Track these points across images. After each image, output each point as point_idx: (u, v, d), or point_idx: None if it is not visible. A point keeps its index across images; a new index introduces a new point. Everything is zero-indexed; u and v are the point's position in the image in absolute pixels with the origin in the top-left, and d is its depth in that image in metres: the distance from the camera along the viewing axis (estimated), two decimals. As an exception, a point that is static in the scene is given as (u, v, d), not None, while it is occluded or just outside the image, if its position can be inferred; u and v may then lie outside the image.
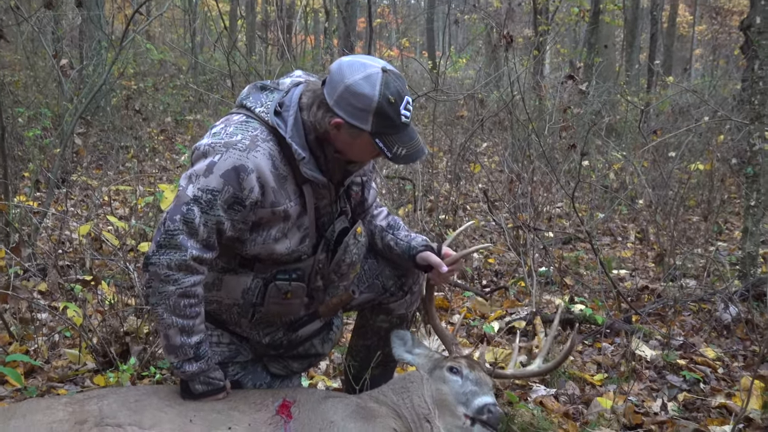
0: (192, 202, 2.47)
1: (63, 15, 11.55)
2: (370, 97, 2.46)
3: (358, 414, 2.59)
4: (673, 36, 22.69)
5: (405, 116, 2.53)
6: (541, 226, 6.64)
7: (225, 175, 2.47)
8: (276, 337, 2.91)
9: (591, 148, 9.52)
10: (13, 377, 3.28)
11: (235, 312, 2.83)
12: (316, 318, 2.91)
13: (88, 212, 6.29)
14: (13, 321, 4.10)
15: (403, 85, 2.52)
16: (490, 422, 2.59)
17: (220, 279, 2.78)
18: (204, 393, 2.63)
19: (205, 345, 2.63)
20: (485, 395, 2.66)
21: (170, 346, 2.58)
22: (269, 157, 2.55)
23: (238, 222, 2.55)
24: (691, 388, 3.97)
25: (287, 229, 2.67)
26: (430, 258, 2.99)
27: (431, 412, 2.70)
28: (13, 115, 8.31)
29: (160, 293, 2.51)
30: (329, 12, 14.84)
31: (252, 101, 2.67)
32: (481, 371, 2.75)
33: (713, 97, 11.77)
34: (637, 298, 5.38)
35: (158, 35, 20.35)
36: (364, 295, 3.17)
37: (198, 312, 2.58)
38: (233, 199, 2.49)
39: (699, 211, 8.29)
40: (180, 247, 2.47)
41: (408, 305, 3.24)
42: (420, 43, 32.47)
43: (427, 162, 7.95)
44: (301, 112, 2.62)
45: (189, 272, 2.51)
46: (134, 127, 11.00)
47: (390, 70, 2.51)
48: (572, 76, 8.99)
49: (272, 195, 2.57)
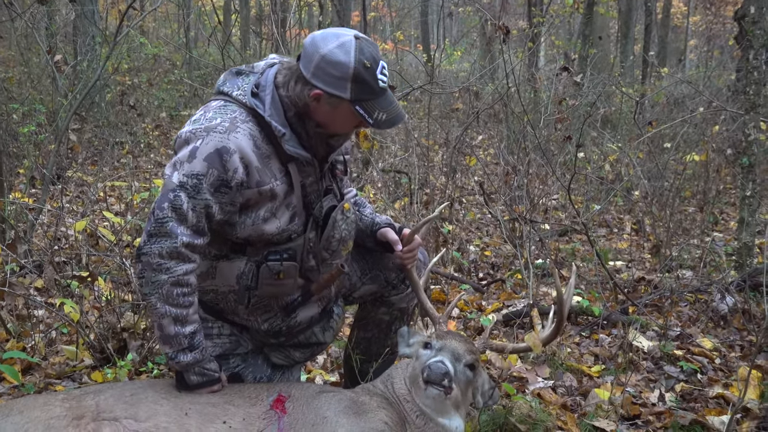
0: (178, 189, 2.48)
1: (56, 11, 11.52)
2: (346, 64, 2.48)
3: (350, 409, 2.59)
4: (667, 27, 22.66)
5: (382, 81, 2.55)
6: (537, 219, 6.64)
7: (208, 158, 2.48)
8: (275, 324, 2.90)
9: (586, 140, 9.53)
10: (11, 374, 3.28)
11: (232, 299, 2.83)
12: (309, 297, 2.89)
13: (83, 208, 6.27)
14: (10, 318, 4.10)
15: (376, 51, 2.55)
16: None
17: (214, 267, 2.78)
18: (199, 384, 2.63)
19: (199, 335, 2.63)
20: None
21: (164, 336, 2.58)
22: (250, 137, 2.56)
23: (226, 204, 2.56)
24: (688, 378, 3.99)
25: (275, 209, 2.67)
26: (387, 234, 3.06)
27: (409, 391, 2.70)
28: (8, 112, 8.29)
29: (153, 282, 2.51)
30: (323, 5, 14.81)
31: (229, 86, 2.69)
32: (452, 339, 2.72)
33: (708, 88, 11.79)
34: (634, 290, 5.39)
35: (152, 30, 20.30)
36: (367, 286, 3.18)
37: (191, 301, 2.58)
38: (219, 181, 2.50)
39: (695, 202, 8.30)
40: (170, 234, 2.48)
41: (409, 299, 3.25)
42: (414, 36, 32.40)
43: (422, 155, 7.95)
44: (277, 90, 2.64)
45: (181, 260, 2.52)
46: (129, 122, 10.98)
47: (362, 37, 2.53)
48: (567, 67, 8.96)
49: (257, 174, 2.58)
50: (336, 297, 3.10)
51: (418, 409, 2.66)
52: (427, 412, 2.65)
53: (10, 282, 4.23)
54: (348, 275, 3.15)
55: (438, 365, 2.56)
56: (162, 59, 15.77)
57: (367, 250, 3.20)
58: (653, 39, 19.59)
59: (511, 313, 4.73)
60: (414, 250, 3.05)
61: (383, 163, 8.35)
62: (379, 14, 28.63)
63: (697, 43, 32.99)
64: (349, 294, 3.21)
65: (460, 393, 2.65)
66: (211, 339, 2.92)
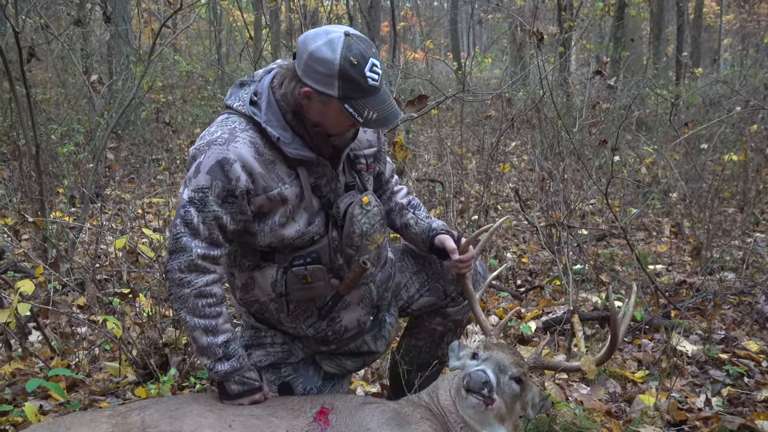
0: (188, 204, 2.56)
1: (91, 31, 11.69)
2: (332, 61, 2.46)
3: (393, 420, 2.58)
4: (700, 27, 22.40)
5: (372, 78, 2.50)
6: (575, 224, 6.59)
7: (210, 171, 2.54)
8: (320, 329, 2.91)
9: (622, 143, 9.43)
10: (56, 391, 3.32)
11: (273, 308, 2.86)
12: (339, 298, 2.87)
13: (122, 225, 6.35)
14: (54, 336, 4.16)
15: (367, 48, 2.50)
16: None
17: (252, 277, 2.83)
18: (240, 393, 2.66)
19: (234, 344, 2.67)
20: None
21: (200, 347, 2.64)
22: (251, 145, 2.60)
23: (236, 213, 2.60)
24: (734, 382, 3.92)
25: (291, 213, 2.68)
26: (446, 241, 3.01)
27: (454, 402, 2.68)
28: (47, 133, 8.43)
29: (179, 298, 2.60)
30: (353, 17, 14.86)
31: (232, 99, 2.74)
32: (499, 351, 2.69)
33: (744, 87, 11.61)
34: (676, 293, 5.31)
35: (185, 48, 20.52)
36: (425, 298, 3.18)
37: (219, 312, 2.63)
38: (225, 192, 2.55)
39: (734, 203, 8.18)
40: (185, 248, 2.56)
41: (465, 311, 3.24)
42: (444, 45, 32.41)
43: (456, 163, 7.93)
44: (274, 93, 2.66)
45: (200, 272, 2.59)
46: (164, 139, 11.11)
47: (353, 34, 2.51)
48: (600, 71, 8.88)
49: (262, 180, 2.60)
50: (389, 305, 3.10)
51: (462, 421, 2.64)
52: (471, 423, 2.62)
53: (54, 300, 4.29)
54: (406, 287, 3.15)
55: (478, 374, 2.54)
56: (195, 76, 15.94)
57: (427, 262, 3.18)
58: (686, 39, 19.39)
59: (550, 320, 4.69)
60: (469, 260, 3.02)
61: (417, 172, 8.35)
62: (408, 24, 28.68)
63: (731, 41, 32.59)
64: (407, 306, 3.19)
65: (505, 405, 2.61)
66: (264, 348, 2.97)
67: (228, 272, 2.93)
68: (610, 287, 3.02)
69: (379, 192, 3.16)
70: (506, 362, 2.64)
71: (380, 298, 3.01)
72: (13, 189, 7.22)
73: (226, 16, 17.28)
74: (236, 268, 2.88)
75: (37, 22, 8.15)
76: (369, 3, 12.07)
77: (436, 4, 34.36)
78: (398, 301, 3.16)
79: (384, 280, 2.99)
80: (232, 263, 2.90)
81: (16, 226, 5.96)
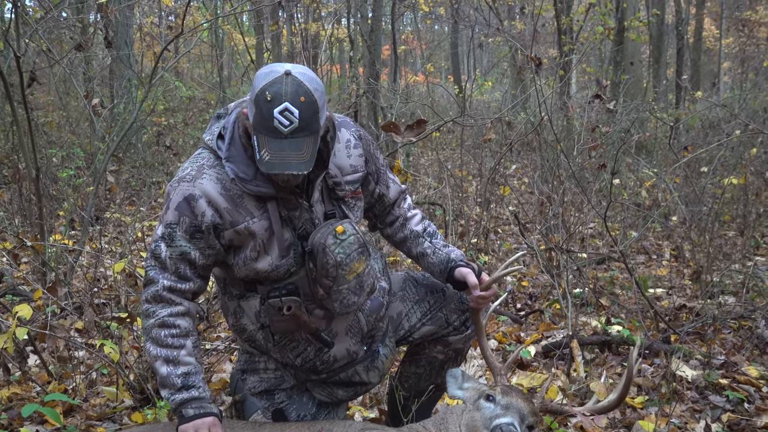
0: (159, 239, 2.63)
1: (93, 55, 11.76)
2: (255, 89, 2.45)
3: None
4: (699, 50, 22.52)
5: (279, 121, 2.39)
6: (574, 247, 6.58)
7: (178, 207, 2.60)
8: (307, 359, 2.89)
9: (621, 167, 9.44)
10: (53, 417, 3.30)
11: (260, 337, 2.86)
12: (318, 333, 2.83)
13: (122, 249, 6.35)
14: (52, 360, 4.15)
15: (293, 93, 2.40)
16: None
17: (240, 306, 2.85)
18: (195, 416, 2.60)
19: (195, 377, 2.64)
20: (505, 417, 2.61)
21: (160, 379, 2.64)
22: (217, 181, 2.62)
23: (205, 249, 2.64)
24: (735, 408, 3.89)
25: (262, 246, 2.68)
26: (468, 276, 2.94)
27: None
28: (47, 156, 8.46)
29: (145, 329, 2.66)
30: (354, 41, 14.95)
31: (207, 133, 2.76)
32: (518, 398, 2.70)
33: (744, 111, 11.65)
34: (675, 317, 5.30)
35: (186, 71, 20.65)
36: (426, 327, 3.14)
37: (182, 344, 2.63)
38: (192, 227, 2.60)
39: (734, 226, 8.17)
40: (153, 280, 2.63)
41: (466, 340, 3.21)
42: (445, 68, 32.56)
43: (456, 186, 7.93)
44: (239, 128, 2.64)
45: (165, 303, 2.63)
46: (165, 162, 11.14)
47: (292, 75, 2.43)
48: (599, 95, 8.91)
49: (228, 215, 2.62)
50: (384, 336, 3.07)
51: None
52: None
53: (51, 324, 4.28)
54: (407, 316, 3.13)
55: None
56: (196, 99, 16.01)
57: (429, 291, 3.16)
58: (686, 63, 19.45)
59: (550, 345, 4.68)
60: (490, 297, 2.98)
61: (417, 195, 8.36)
62: (409, 47, 28.81)
63: (731, 65, 32.70)
64: (408, 335, 3.16)
65: None
66: (258, 374, 2.98)
67: (221, 300, 2.96)
68: (633, 352, 2.89)
69: (389, 217, 3.12)
70: (525, 411, 2.66)
71: (372, 327, 2.98)
72: (13, 212, 7.23)
73: (228, 39, 17.40)
74: (227, 296, 2.90)
75: (39, 46, 8.20)
76: (370, 27, 12.14)
77: (437, 28, 34.53)
78: (399, 331, 3.13)
79: (374, 309, 2.94)
80: (223, 291, 2.92)
81: (15, 250, 5.97)
